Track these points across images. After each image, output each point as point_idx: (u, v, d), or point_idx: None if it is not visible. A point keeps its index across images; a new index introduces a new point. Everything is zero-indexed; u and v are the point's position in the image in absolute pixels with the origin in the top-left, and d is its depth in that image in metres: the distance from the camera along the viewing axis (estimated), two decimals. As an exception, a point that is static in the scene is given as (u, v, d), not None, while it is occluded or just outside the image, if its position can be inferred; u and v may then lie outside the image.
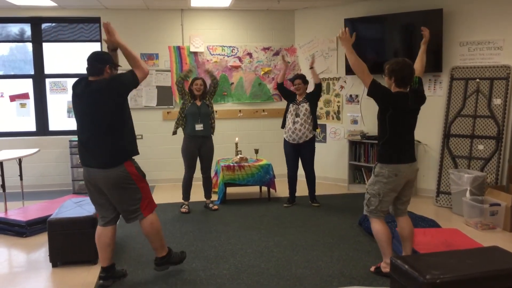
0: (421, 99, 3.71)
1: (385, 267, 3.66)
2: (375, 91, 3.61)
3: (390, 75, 3.61)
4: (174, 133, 5.80)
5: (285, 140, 5.94)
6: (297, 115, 5.76)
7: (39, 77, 7.30)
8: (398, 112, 3.56)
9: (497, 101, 5.74)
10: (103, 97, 3.33)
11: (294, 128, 5.76)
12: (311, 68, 5.92)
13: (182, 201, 5.87)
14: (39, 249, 4.55)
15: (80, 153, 3.53)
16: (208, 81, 5.86)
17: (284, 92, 6.04)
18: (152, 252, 4.31)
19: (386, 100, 3.58)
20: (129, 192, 3.43)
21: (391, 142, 3.59)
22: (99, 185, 3.44)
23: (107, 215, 3.56)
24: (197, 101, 5.66)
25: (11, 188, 6.16)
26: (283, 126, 5.97)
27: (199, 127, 5.62)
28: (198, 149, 5.71)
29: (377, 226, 3.68)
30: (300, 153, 5.90)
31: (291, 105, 5.86)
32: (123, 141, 3.43)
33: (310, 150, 5.88)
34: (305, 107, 5.77)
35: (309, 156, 5.90)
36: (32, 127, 7.37)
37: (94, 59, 3.45)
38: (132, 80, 3.41)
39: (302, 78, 5.87)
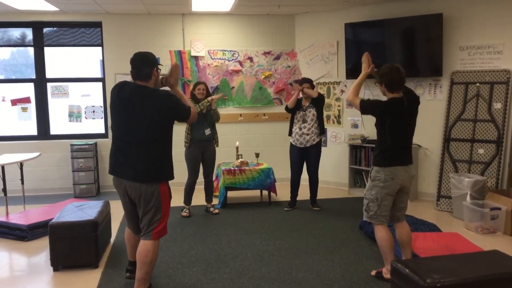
0: (416, 99, 3.74)
1: (386, 273, 3.66)
2: (367, 107, 3.73)
3: (380, 81, 3.70)
4: (187, 143, 5.73)
5: (291, 145, 5.94)
6: (304, 121, 5.77)
7: (40, 81, 7.32)
8: (396, 119, 3.58)
9: (497, 105, 5.76)
10: (153, 107, 3.22)
11: (301, 133, 5.78)
12: (302, 90, 5.78)
13: (184, 205, 5.87)
14: (40, 253, 4.56)
15: (113, 160, 3.38)
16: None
17: (292, 109, 5.90)
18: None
19: (380, 111, 3.63)
20: (153, 209, 3.30)
21: (391, 148, 3.61)
22: (129, 193, 3.34)
23: (134, 223, 3.50)
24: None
25: (12, 192, 6.17)
26: (290, 133, 5.97)
27: (207, 131, 5.64)
28: (202, 153, 5.72)
29: (380, 233, 3.68)
30: (306, 156, 5.90)
31: (297, 112, 5.85)
32: (163, 159, 3.32)
33: (316, 154, 5.89)
34: (312, 112, 5.77)
35: (315, 160, 5.91)
36: (34, 131, 7.39)
37: (141, 62, 3.29)
38: (184, 115, 3.38)
39: (310, 82, 5.86)
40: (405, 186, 3.68)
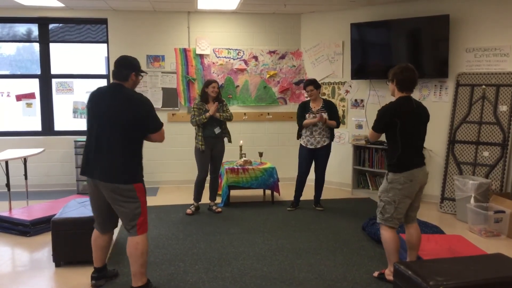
0: (425, 110, 3.71)
1: (389, 275, 3.65)
2: (377, 124, 3.67)
3: (392, 78, 3.65)
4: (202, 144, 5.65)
5: (301, 145, 5.91)
6: (315, 124, 5.73)
7: (45, 77, 7.33)
8: (406, 119, 3.53)
9: (503, 108, 5.73)
10: (126, 105, 3.27)
11: (312, 135, 5.75)
12: (325, 122, 5.72)
13: (193, 201, 5.85)
14: (42, 248, 4.57)
15: (85, 160, 3.39)
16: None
17: (301, 113, 5.84)
18: (155, 254, 4.33)
19: (390, 113, 3.57)
20: (130, 205, 3.32)
21: (404, 154, 3.55)
22: (104, 194, 3.35)
23: (105, 223, 3.52)
24: (210, 104, 5.64)
25: (16, 187, 6.19)
26: (299, 137, 5.95)
27: (217, 130, 5.66)
28: (210, 150, 5.71)
29: (387, 234, 3.64)
30: (315, 157, 5.88)
31: (307, 115, 5.78)
32: (135, 160, 3.35)
33: (325, 155, 5.86)
34: (324, 116, 5.72)
35: (324, 160, 5.89)
36: (38, 127, 7.40)
37: (120, 64, 3.40)
38: (152, 126, 3.39)
39: (314, 83, 5.79)
40: (422, 184, 3.66)
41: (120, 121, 3.24)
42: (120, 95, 3.31)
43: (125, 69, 3.38)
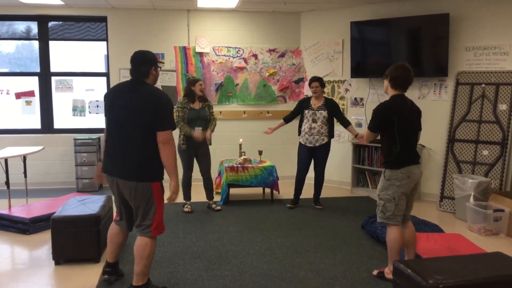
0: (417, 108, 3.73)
1: (388, 273, 3.65)
2: (374, 122, 3.65)
3: (386, 76, 3.65)
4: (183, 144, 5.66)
5: (300, 144, 5.92)
6: (314, 121, 5.73)
7: (45, 75, 7.32)
8: (403, 117, 3.54)
9: (503, 107, 5.73)
10: (147, 102, 3.20)
11: (310, 132, 5.75)
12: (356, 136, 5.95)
13: (184, 201, 5.87)
14: (42, 246, 4.57)
15: (105, 157, 3.35)
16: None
17: (296, 113, 5.98)
18: (155, 252, 4.33)
19: (387, 112, 3.57)
20: (146, 205, 3.28)
21: (402, 151, 3.56)
22: (122, 191, 3.32)
23: (129, 219, 3.48)
24: (195, 103, 5.64)
25: (15, 185, 6.18)
26: (299, 133, 5.95)
27: (198, 130, 5.60)
28: (195, 149, 5.70)
29: (394, 235, 3.61)
30: (314, 155, 5.88)
31: (306, 111, 5.80)
32: (154, 158, 3.26)
33: (324, 153, 5.87)
34: (323, 114, 5.73)
35: (323, 158, 5.89)
36: (37, 125, 7.39)
37: (138, 62, 3.31)
38: (166, 125, 3.21)
39: (320, 80, 5.77)
40: (416, 182, 3.67)
41: (138, 118, 3.19)
42: (140, 92, 3.24)
43: (144, 65, 3.30)
